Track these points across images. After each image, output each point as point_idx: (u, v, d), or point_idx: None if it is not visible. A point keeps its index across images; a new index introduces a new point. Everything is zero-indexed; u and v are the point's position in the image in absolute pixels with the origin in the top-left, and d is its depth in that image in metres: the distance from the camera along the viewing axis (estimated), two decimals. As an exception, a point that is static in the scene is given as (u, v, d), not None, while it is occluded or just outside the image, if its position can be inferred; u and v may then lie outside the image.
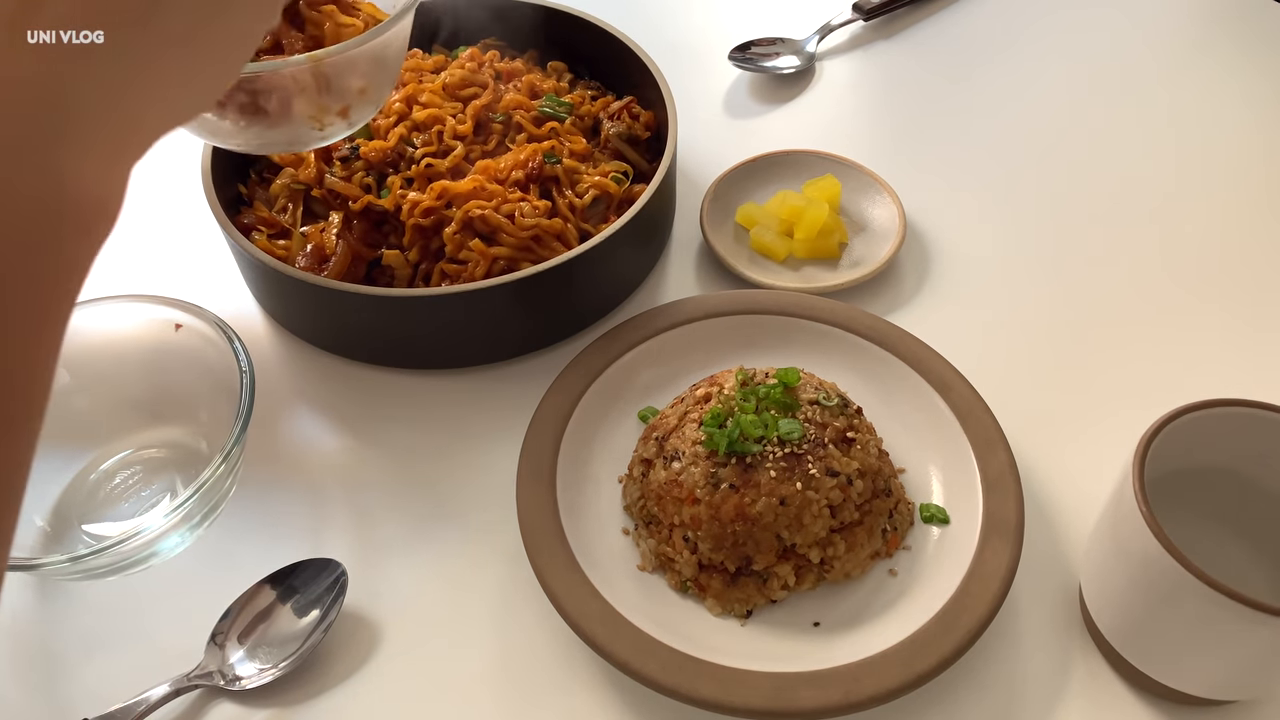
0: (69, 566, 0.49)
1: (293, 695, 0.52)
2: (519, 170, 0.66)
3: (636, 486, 0.57)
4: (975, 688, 0.51)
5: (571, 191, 0.67)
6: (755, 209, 0.74)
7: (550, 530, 0.54)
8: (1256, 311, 0.69)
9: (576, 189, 0.67)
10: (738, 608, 0.53)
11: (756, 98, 0.89)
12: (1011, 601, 0.54)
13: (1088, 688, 0.51)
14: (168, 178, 0.80)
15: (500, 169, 0.67)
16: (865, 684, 0.48)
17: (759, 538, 0.52)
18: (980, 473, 0.56)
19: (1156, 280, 0.72)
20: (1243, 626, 0.43)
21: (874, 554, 0.55)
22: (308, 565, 0.55)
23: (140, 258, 0.75)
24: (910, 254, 0.73)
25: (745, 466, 0.53)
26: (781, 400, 0.55)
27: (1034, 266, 0.73)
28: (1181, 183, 0.79)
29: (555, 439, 0.58)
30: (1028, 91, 0.89)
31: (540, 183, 0.67)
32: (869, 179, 0.76)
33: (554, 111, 0.71)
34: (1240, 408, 0.48)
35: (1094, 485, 0.56)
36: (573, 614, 0.50)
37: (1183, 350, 0.67)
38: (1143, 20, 0.96)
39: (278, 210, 0.69)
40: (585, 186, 0.67)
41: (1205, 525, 0.52)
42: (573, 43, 0.78)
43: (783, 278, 0.71)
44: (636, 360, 0.63)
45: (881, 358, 0.62)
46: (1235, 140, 0.83)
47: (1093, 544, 0.52)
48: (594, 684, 0.52)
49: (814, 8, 0.96)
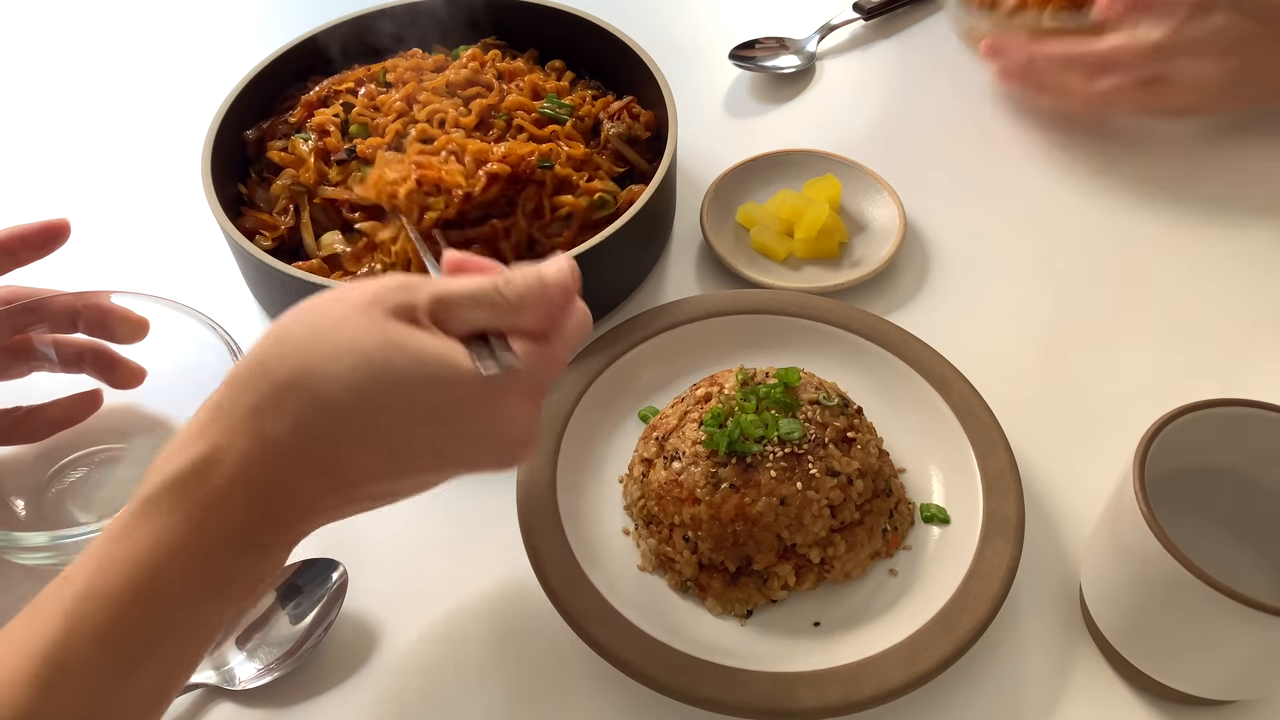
0: (50, 557, 0.50)
1: (293, 696, 0.52)
2: (503, 164, 0.65)
3: (637, 486, 0.57)
4: (975, 688, 0.51)
5: (549, 202, 0.67)
6: (755, 209, 0.74)
7: (550, 530, 0.54)
8: (1256, 311, 0.69)
9: (555, 199, 0.67)
10: (738, 608, 0.53)
11: (756, 97, 0.89)
12: (1012, 601, 0.54)
13: (1088, 688, 0.51)
14: (168, 178, 0.80)
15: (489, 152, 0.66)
16: (865, 684, 0.48)
17: (759, 538, 0.52)
18: (980, 472, 0.56)
19: (1157, 279, 0.72)
20: (1243, 626, 0.43)
21: (874, 554, 0.55)
22: (308, 565, 0.55)
23: (140, 257, 0.75)
24: (910, 254, 0.73)
25: (745, 466, 0.52)
26: (782, 400, 0.55)
27: (1034, 266, 0.73)
28: (1183, 181, 0.79)
29: (555, 439, 0.58)
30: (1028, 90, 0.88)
31: (522, 184, 0.66)
32: (869, 179, 0.76)
33: (555, 114, 0.71)
34: (1240, 408, 0.48)
35: (1094, 485, 0.56)
36: (573, 614, 0.50)
37: (1183, 350, 0.67)
38: (1143, 19, 0.95)
39: (278, 211, 0.69)
40: (564, 209, 0.67)
41: (1205, 525, 0.52)
42: (573, 42, 0.78)
43: (783, 278, 0.71)
44: (636, 360, 0.63)
45: (882, 358, 0.62)
46: (1236, 138, 0.83)
47: (1093, 544, 0.52)
48: (594, 684, 0.52)
49: (814, 7, 0.96)
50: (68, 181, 0.83)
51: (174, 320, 0.59)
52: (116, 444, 0.61)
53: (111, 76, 0.93)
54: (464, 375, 0.39)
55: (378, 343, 0.38)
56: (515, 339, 0.41)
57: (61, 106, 0.91)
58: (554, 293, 0.42)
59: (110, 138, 0.87)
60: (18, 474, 0.59)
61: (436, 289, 0.41)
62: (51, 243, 0.58)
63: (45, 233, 0.58)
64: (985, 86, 0.89)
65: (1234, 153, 0.82)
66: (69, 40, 0.98)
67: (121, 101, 0.91)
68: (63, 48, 0.97)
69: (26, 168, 0.85)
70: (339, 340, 0.38)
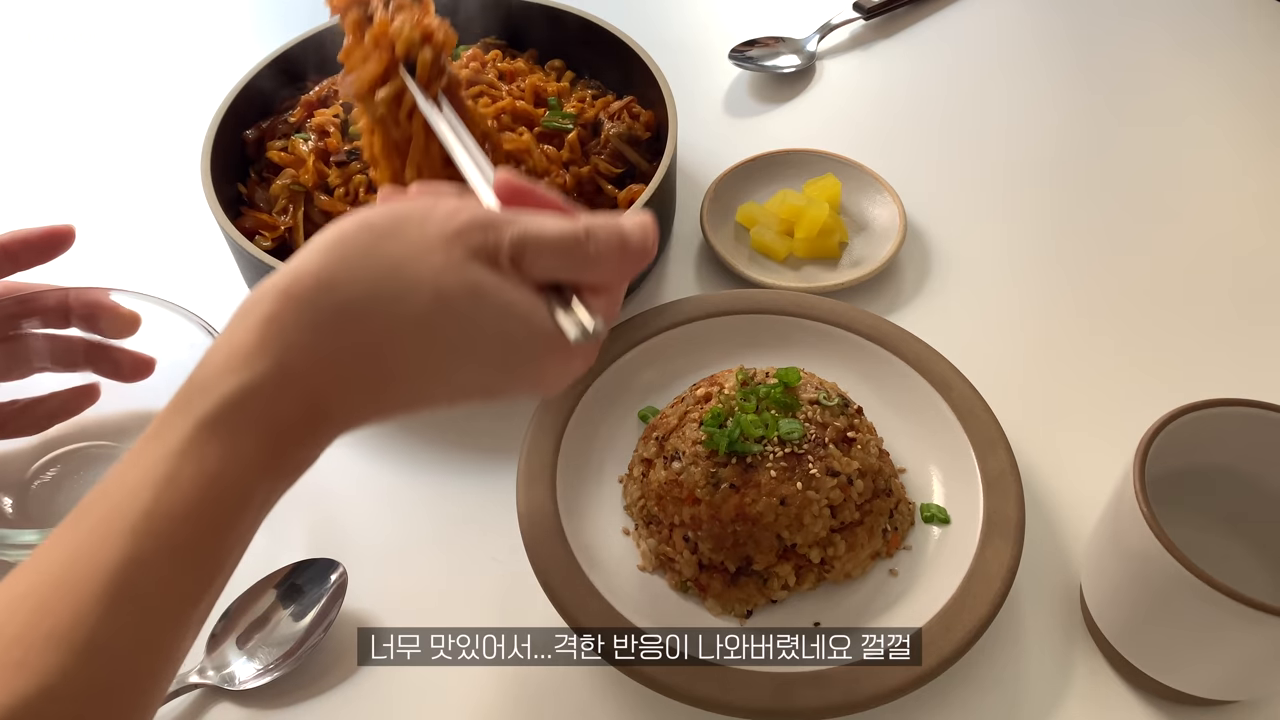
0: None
1: (293, 696, 0.52)
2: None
3: (637, 486, 0.57)
4: (975, 688, 0.51)
5: None
6: (755, 208, 0.74)
7: (550, 530, 0.54)
8: (1256, 311, 0.69)
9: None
10: (738, 608, 0.53)
11: (757, 97, 0.89)
12: (1012, 601, 0.54)
13: (1088, 688, 0.51)
14: (167, 177, 0.80)
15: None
16: (865, 684, 0.48)
17: (759, 537, 0.52)
18: (981, 472, 0.56)
19: (1157, 279, 0.72)
20: (1243, 626, 0.42)
21: (874, 554, 0.55)
22: (308, 565, 0.55)
23: (140, 257, 0.75)
24: (910, 254, 0.73)
25: (745, 466, 0.52)
26: (782, 400, 0.55)
27: (1035, 266, 0.73)
28: (1182, 181, 0.79)
29: (555, 439, 0.58)
30: (1028, 90, 0.88)
31: None
32: (869, 178, 0.76)
33: (560, 125, 0.71)
34: (1240, 408, 0.48)
35: (1094, 485, 0.56)
36: (573, 614, 0.50)
37: (1183, 350, 0.67)
38: (1142, 20, 0.96)
39: (277, 211, 0.69)
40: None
41: (1205, 525, 0.52)
42: (573, 42, 0.78)
43: (783, 277, 0.71)
44: (636, 360, 0.63)
45: (882, 357, 0.62)
46: (1236, 139, 0.83)
47: (1093, 544, 0.52)
48: (594, 684, 0.52)
49: (814, 7, 0.96)
50: (68, 181, 0.83)
51: (166, 320, 0.59)
52: (105, 441, 0.61)
53: (112, 77, 0.93)
54: (541, 333, 0.38)
55: (458, 287, 0.37)
56: (585, 292, 0.40)
57: (61, 106, 0.91)
58: (632, 254, 0.41)
59: (110, 137, 0.87)
60: (1, 471, 0.59)
61: (520, 231, 0.38)
62: (55, 248, 0.58)
63: (49, 238, 0.57)
64: (985, 86, 0.89)
65: (1234, 152, 0.82)
66: (69, 41, 0.98)
67: (122, 101, 0.91)
68: (63, 48, 0.97)
69: (27, 168, 0.85)
70: (416, 275, 0.37)
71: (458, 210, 0.39)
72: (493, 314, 0.38)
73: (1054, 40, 0.94)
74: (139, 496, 0.34)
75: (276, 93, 0.75)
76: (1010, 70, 0.91)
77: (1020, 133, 0.84)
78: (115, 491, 0.35)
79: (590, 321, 0.38)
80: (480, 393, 0.41)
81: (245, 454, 0.36)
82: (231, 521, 0.36)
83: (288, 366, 0.36)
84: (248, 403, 0.36)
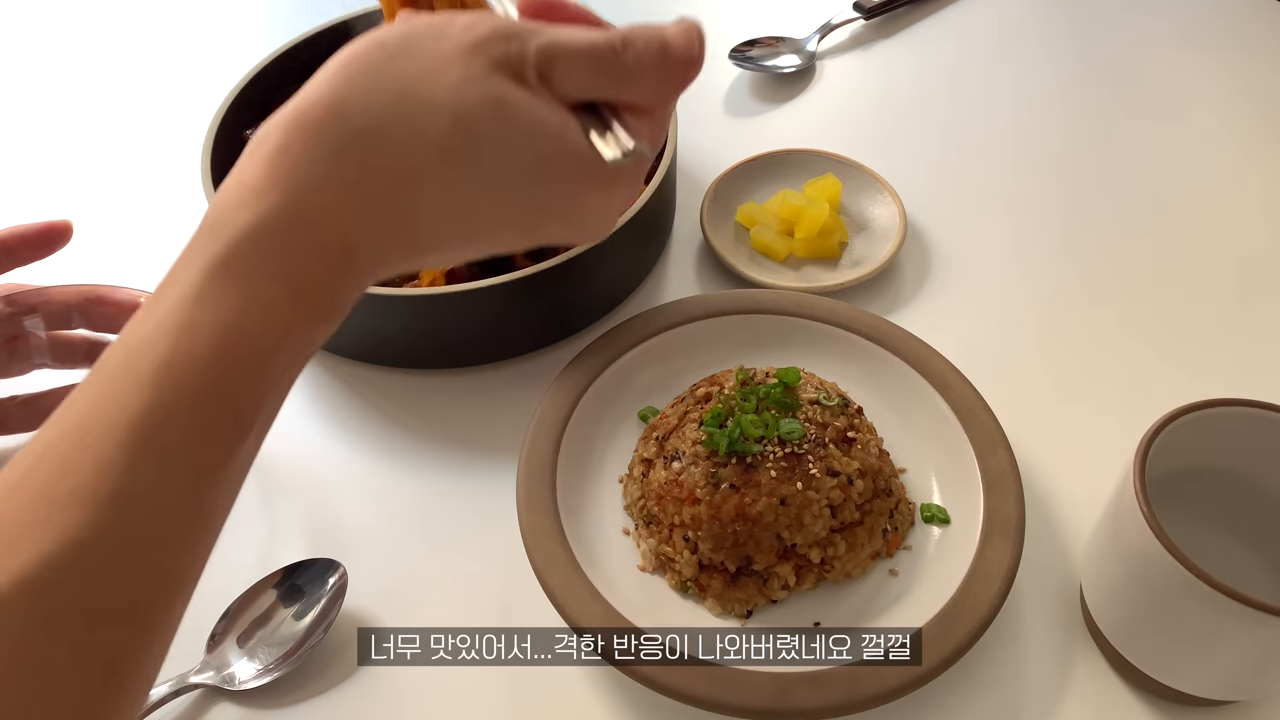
0: None
1: (293, 696, 0.52)
2: None
3: (637, 486, 0.57)
4: (975, 688, 0.51)
5: None
6: (755, 208, 0.74)
7: (550, 530, 0.54)
8: (1259, 311, 0.69)
9: None
10: (738, 608, 0.53)
11: (756, 97, 0.89)
12: (1012, 601, 0.54)
13: (1088, 688, 0.51)
14: (168, 177, 0.80)
15: None
16: (865, 684, 0.48)
17: (759, 538, 0.52)
18: (981, 472, 0.56)
19: (1159, 279, 0.72)
20: (1243, 626, 0.42)
21: (874, 554, 0.55)
22: (308, 565, 0.55)
23: (140, 256, 0.75)
24: (910, 254, 0.73)
25: (745, 466, 0.52)
26: (782, 400, 0.55)
27: (1035, 266, 0.73)
28: (1182, 181, 0.79)
29: (555, 439, 0.58)
30: (1028, 90, 0.89)
31: None
32: (869, 178, 0.76)
33: None
34: (1240, 408, 0.48)
35: (1094, 485, 0.56)
36: (573, 614, 0.50)
37: (1183, 350, 0.67)
38: (1144, 18, 0.96)
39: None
40: None
41: (1205, 525, 0.52)
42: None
43: (783, 277, 0.71)
44: (636, 360, 0.63)
45: (882, 357, 0.62)
46: (1241, 138, 0.83)
47: (1093, 544, 0.52)
48: (594, 684, 0.52)
49: (814, 7, 0.96)
50: (67, 181, 0.83)
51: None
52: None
53: (111, 76, 0.93)
54: (576, 155, 0.35)
55: (480, 102, 0.34)
56: (624, 112, 0.36)
57: (61, 106, 0.91)
58: (676, 64, 0.36)
59: (110, 137, 0.87)
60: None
61: (548, 41, 0.35)
62: (53, 244, 0.58)
63: (47, 233, 0.57)
64: (986, 86, 0.89)
65: (1239, 152, 0.82)
66: (69, 40, 0.98)
67: (121, 101, 0.91)
68: (63, 48, 0.97)
69: (27, 167, 0.85)
70: (433, 93, 0.34)
71: (477, 22, 0.35)
72: (520, 133, 0.34)
73: (1055, 39, 0.94)
74: (156, 345, 0.32)
75: (277, 92, 0.75)
76: (1010, 70, 0.91)
77: (1020, 133, 0.84)
78: (132, 341, 0.32)
79: (630, 142, 0.34)
80: (516, 231, 0.37)
81: (265, 297, 0.33)
82: (257, 372, 0.33)
83: (302, 200, 0.33)
84: (263, 240, 0.33)
